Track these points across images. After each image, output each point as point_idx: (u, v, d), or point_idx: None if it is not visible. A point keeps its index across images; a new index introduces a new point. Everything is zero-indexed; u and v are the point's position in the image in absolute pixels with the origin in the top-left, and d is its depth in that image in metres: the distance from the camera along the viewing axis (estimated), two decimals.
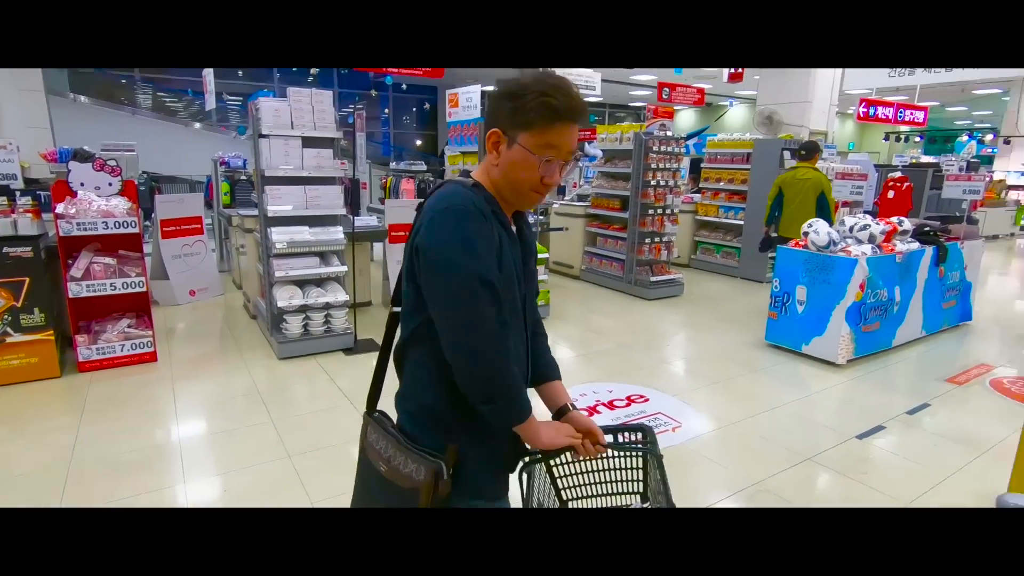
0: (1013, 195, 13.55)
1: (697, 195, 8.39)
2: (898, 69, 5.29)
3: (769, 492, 2.74)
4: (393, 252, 5.86)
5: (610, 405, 3.65)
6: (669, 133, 6.45)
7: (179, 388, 3.78)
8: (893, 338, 4.77)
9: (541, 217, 6.14)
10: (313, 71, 13.56)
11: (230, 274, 6.95)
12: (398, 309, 1.25)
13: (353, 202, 8.93)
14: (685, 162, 9.73)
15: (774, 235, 5.49)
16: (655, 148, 6.26)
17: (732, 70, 8.02)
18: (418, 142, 19.50)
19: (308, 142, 4.20)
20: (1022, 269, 9.13)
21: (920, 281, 4.84)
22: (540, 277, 5.57)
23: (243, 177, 7.20)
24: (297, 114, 4.14)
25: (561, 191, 11.21)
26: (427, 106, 16.86)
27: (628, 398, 3.76)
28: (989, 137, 16.28)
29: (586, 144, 7.18)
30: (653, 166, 6.28)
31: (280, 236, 4.16)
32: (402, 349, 1.24)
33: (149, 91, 15.01)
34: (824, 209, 5.13)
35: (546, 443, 1.19)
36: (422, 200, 1.20)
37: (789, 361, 4.55)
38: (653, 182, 6.30)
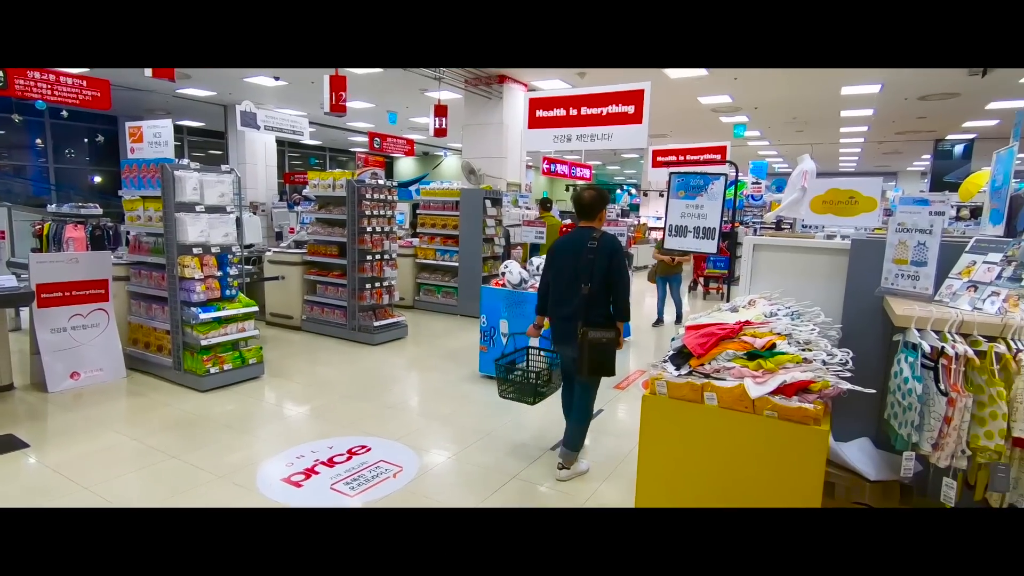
0: (654, 234, 17.72)
1: (416, 239, 8.82)
2: (562, 137, 6.45)
3: None
4: (46, 318, 4.66)
5: (330, 462, 3.49)
6: (381, 181, 6.66)
7: None
8: None
9: (249, 267, 5.63)
10: None
11: None
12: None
13: None
14: (404, 207, 10.17)
15: None
16: (368, 196, 6.39)
17: (437, 124, 8.75)
18: (97, 179, 16.18)
19: None
20: None
21: None
22: (252, 333, 5.10)
23: None
24: None
25: (279, 237, 10.57)
26: (100, 138, 14.11)
27: (349, 451, 3.65)
28: (634, 191, 21.16)
29: (304, 188, 6.94)
30: (368, 213, 6.39)
31: None
32: (592, 298, 3.15)
33: None
34: None
35: (621, 339, 3.27)
36: (595, 236, 3.19)
37: None
38: (369, 228, 6.40)
